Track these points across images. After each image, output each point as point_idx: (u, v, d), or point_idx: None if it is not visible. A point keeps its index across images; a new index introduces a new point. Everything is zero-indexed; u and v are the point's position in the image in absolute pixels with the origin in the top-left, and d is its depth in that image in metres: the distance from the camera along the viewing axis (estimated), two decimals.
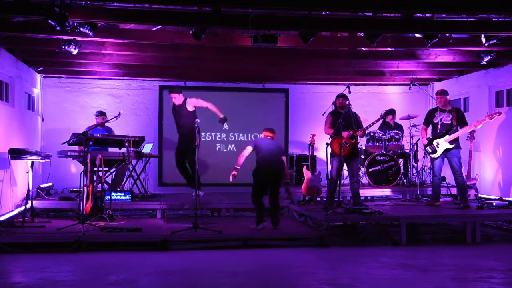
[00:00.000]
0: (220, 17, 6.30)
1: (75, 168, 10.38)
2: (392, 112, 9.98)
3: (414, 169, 9.76)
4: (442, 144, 7.88)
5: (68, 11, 5.78)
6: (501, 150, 9.22)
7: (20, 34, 7.12)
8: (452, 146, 7.85)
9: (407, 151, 9.68)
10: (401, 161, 9.40)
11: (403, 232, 6.90)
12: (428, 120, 8.15)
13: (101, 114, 9.21)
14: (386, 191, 9.40)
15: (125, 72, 10.03)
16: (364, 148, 9.78)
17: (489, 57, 7.86)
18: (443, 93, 8.04)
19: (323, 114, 8.09)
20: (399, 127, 10.05)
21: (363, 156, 9.66)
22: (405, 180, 9.64)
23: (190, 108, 8.12)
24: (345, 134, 7.54)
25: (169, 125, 10.81)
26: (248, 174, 8.12)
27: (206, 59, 9.08)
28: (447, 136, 7.85)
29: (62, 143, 7.79)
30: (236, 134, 11.26)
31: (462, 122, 7.89)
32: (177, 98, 8.15)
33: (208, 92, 11.07)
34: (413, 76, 9.75)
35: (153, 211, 8.53)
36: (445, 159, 7.98)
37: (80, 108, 10.52)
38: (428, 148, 8.05)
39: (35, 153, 7.54)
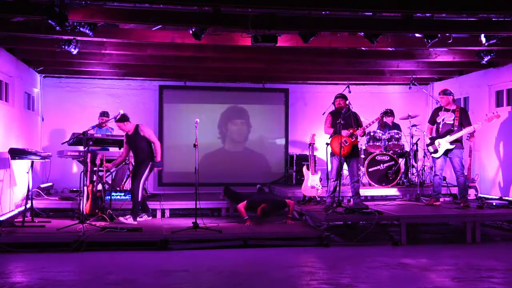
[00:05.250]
0: (220, 17, 6.29)
1: (75, 168, 10.39)
2: (391, 113, 9.99)
3: (414, 168, 9.76)
4: (443, 144, 7.89)
5: (68, 11, 5.78)
6: (501, 150, 9.22)
7: (20, 34, 7.11)
8: (453, 146, 7.85)
9: (407, 150, 9.68)
10: (401, 160, 9.40)
11: (403, 232, 6.91)
12: (433, 118, 8.17)
13: (102, 114, 9.20)
14: (386, 191, 9.39)
15: (125, 72, 10.03)
16: (364, 147, 9.78)
17: (489, 57, 7.86)
18: (444, 92, 8.04)
19: (323, 114, 8.10)
20: (397, 127, 10.04)
21: (363, 156, 9.66)
22: (405, 180, 9.63)
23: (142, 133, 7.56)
24: (344, 133, 7.55)
25: (169, 125, 10.86)
26: (248, 175, 8.18)
27: (206, 59, 9.08)
28: (448, 136, 7.86)
29: (62, 143, 7.80)
30: (235, 134, 11.27)
31: (466, 122, 7.89)
32: (127, 126, 7.54)
33: (208, 92, 11.10)
34: (413, 76, 9.74)
35: (153, 211, 8.52)
36: (447, 158, 8.00)
37: (80, 108, 10.50)
38: (430, 147, 8.07)
39: (35, 153, 7.54)
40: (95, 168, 7.54)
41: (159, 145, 7.59)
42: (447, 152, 7.93)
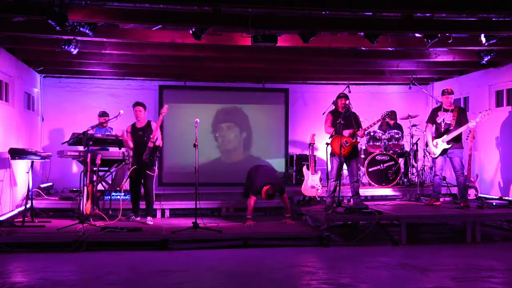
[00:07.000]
0: (220, 17, 6.29)
1: (75, 168, 10.39)
2: (394, 116, 10.00)
3: (414, 168, 9.77)
4: (440, 144, 7.91)
5: (68, 11, 5.78)
6: (501, 150, 9.22)
7: (20, 34, 7.11)
8: (450, 145, 7.86)
9: (407, 150, 9.68)
10: (401, 160, 9.40)
11: (403, 232, 6.91)
12: (432, 118, 8.18)
13: (101, 114, 9.20)
14: (386, 191, 9.39)
15: (125, 72, 10.02)
16: (364, 147, 9.78)
17: (489, 57, 7.86)
18: (452, 92, 8.05)
19: (323, 114, 8.11)
20: (399, 127, 10.05)
21: (363, 156, 9.66)
22: (405, 180, 9.64)
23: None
24: (346, 133, 7.55)
25: (169, 125, 10.84)
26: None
27: (206, 59, 9.08)
28: (445, 136, 7.88)
29: (62, 143, 7.80)
30: (235, 133, 11.26)
31: (464, 122, 7.90)
32: (142, 114, 7.63)
33: (208, 92, 11.09)
34: (413, 76, 9.75)
35: (153, 211, 8.51)
36: (447, 158, 8.00)
37: (80, 108, 10.50)
38: (429, 148, 8.09)
39: (35, 153, 7.54)
40: (95, 168, 7.54)
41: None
42: (446, 152, 7.94)
